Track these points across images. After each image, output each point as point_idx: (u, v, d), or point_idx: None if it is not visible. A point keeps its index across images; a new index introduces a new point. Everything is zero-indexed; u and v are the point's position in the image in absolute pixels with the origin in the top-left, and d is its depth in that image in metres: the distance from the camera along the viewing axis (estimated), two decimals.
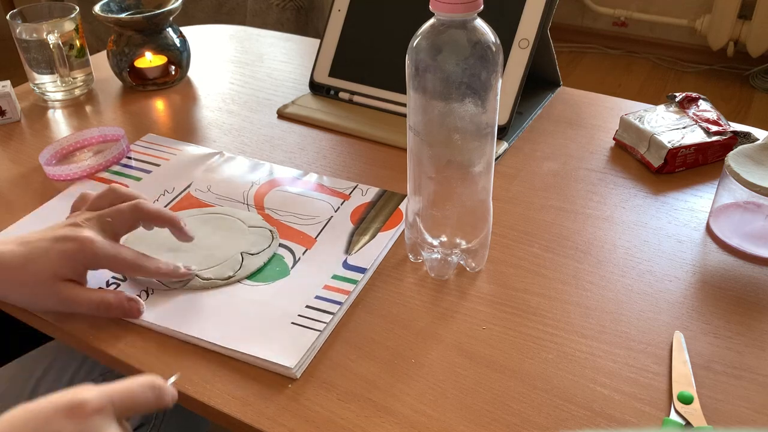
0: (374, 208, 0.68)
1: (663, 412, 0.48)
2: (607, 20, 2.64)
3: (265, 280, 0.60)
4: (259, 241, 0.64)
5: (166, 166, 0.76)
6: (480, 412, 0.48)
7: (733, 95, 2.37)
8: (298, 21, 1.85)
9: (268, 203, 0.69)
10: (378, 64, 0.86)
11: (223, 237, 0.64)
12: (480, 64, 0.49)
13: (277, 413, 0.48)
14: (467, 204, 0.56)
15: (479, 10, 0.48)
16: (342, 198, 0.69)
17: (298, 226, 0.66)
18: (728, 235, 0.63)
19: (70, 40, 0.89)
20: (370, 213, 0.67)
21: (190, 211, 0.68)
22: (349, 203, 0.69)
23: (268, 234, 0.65)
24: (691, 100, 0.78)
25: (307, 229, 0.65)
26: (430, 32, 0.50)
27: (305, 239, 0.64)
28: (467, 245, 0.58)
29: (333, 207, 0.68)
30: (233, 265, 0.60)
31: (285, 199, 0.70)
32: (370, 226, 0.65)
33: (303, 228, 0.66)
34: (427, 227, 0.57)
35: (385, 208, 0.68)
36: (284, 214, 0.67)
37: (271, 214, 0.68)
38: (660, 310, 0.56)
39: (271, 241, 0.64)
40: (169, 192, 0.72)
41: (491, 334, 0.54)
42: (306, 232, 0.65)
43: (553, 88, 0.90)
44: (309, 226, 0.66)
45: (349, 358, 0.52)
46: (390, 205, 0.68)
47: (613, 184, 0.72)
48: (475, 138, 0.52)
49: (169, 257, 0.60)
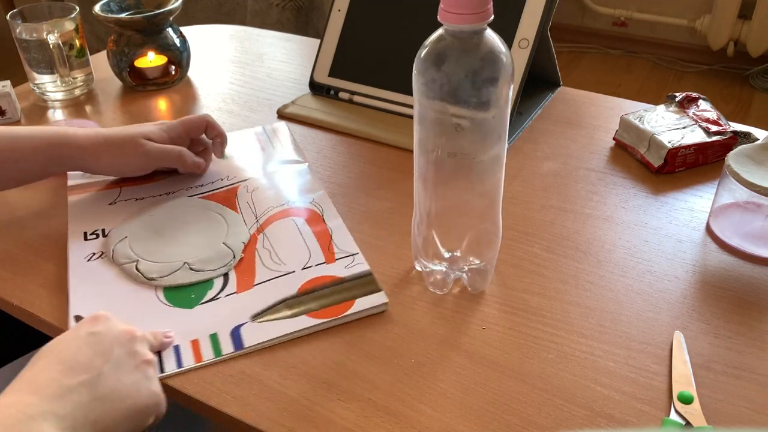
0: (336, 286, 0.59)
1: (663, 412, 0.48)
2: (607, 20, 2.64)
3: (174, 300, 0.58)
4: (215, 258, 0.62)
5: (255, 154, 0.79)
6: (480, 412, 0.48)
7: (733, 95, 2.36)
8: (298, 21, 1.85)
9: (269, 229, 0.66)
10: (378, 64, 0.86)
11: (196, 241, 0.64)
12: (491, 76, 0.47)
13: (277, 413, 0.48)
14: (477, 217, 0.55)
15: (489, 21, 0.47)
16: (326, 260, 0.62)
17: (259, 266, 0.61)
18: (728, 235, 0.63)
19: (70, 40, 0.89)
20: (325, 289, 0.58)
21: (205, 202, 0.70)
22: (319, 269, 0.61)
23: (229, 259, 0.62)
24: (691, 100, 0.78)
25: (260, 272, 0.60)
26: (439, 43, 0.48)
27: (247, 282, 0.60)
28: (477, 263, 0.57)
29: (306, 262, 0.61)
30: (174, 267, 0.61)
31: (285, 232, 0.65)
32: (307, 302, 0.57)
33: (259, 269, 0.61)
34: (439, 239, 0.56)
35: (344, 293, 0.58)
36: (266, 247, 0.63)
37: (261, 239, 0.64)
38: (660, 309, 0.56)
39: (223, 266, 0.61)
40: (229, 179, 0.74)
41: (491, 334, 0.54)
42: (256, 274, 0.60)
43: (553, 88, 0.90)
44: (264, 270, 0.61)
45: (350, 358, 0.52)
46: (353, 291, 0.58)
47: (613, 184, 0.72)
48: (487, 148, 0.51)
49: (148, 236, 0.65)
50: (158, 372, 0.51)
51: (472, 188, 0.53)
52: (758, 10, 2.26)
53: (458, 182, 0.53)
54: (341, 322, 0.55)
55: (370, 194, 0.71)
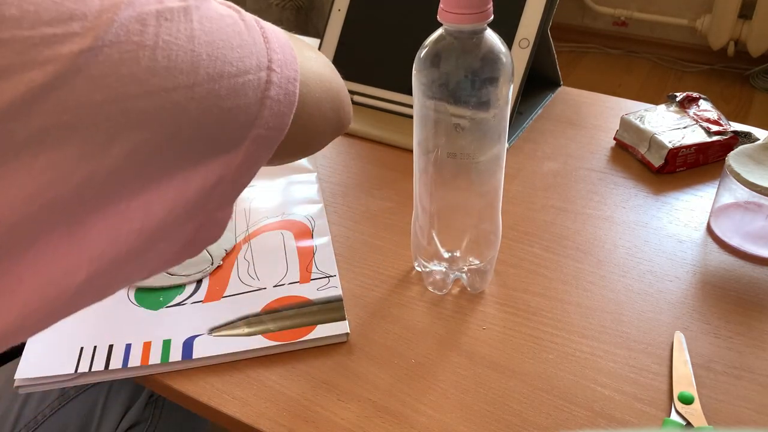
0: (303, 308, 0.57)
1: (663, 412, 0.48)
2: (607, 20, 2.64)
3: (141, 301, 0.58)
4: (192, 263, 0.61)
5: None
6: (480, 412, 0.48)
7: (733, 95, 2.36)
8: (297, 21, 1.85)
9: (255, 241, 0.65)
10: (378, 64, 0.86)
11: None
12: (490, 76, 0.47)
13: (277, 414, 0.48)
14: (476, 217, 0.55)
15: (489, 21, 0.47)
16: (300, 279, 0.60)
17: (233, 278, 0.60)
18: (729, 235, 0.63)
19: None
20: (290, 311, 0.57)
21: None
22: (291, 288, 0.59)
23: (207, 265, 0.61)
24: (692, 99, 0.78)
25: (232, 284, 0.60)
26: (439, 43, 0.48)
27: (218, 292, 0.59)
28: (476, 263, 0.57)
29: (281, 279, 0.60)
30: None
31: (268, 244, 0.64)
32: (266, 322, 0.55)
33: (233, 281, 0.60)
34: (439, 239, 0.56)
35: (305, 317, 0.56)
36: (246, 259, 0.62)
37: (243, 250, 0.63)
38: (660, 310, 0.56)
39: (199, 272, 0.60)
40: None
41: (491, 334, 0.54)
42: (228, 286, 0.59)
43: (553, 88, 0.90)
44: (236, 283, 0.60)
45: (350, 358, 0.52)
46: (318, 316, 0.56)
47: (614, 184, 0.72)
48: (486, 148, 0.51)
49: None
50: (101, 367, 0.51)
51: (471, 188, 0.53)
52: (758, 10, 2.26)
53: (458, 182, 0.53)
54: (297, 348, 0.54)
55: (369, 194, 0.71)
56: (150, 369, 0.52)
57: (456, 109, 0.49)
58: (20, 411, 0.61)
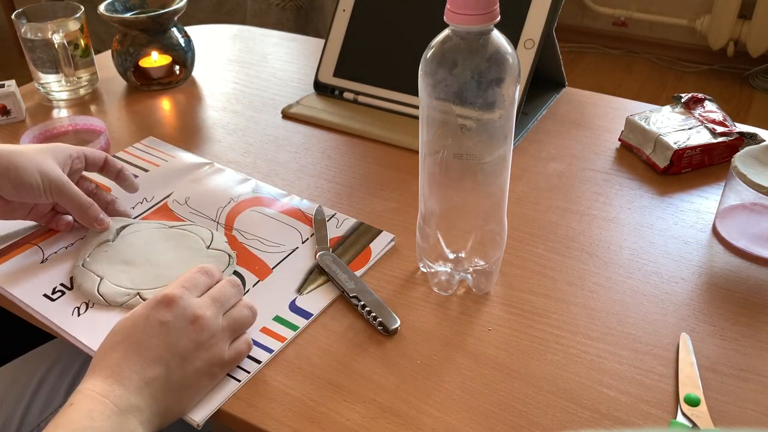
0: (344, 243, 0.63)
1: (669, 414, 0.48)
2: (607, 20, 2.64)
3: None
4: (215, 264, 0.60)
5: (154, 173, 0.74)
6: (486, 413, 0.48)
7: (733, 95, 2.36)
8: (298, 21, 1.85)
9: (238, 223, 0.66)
10: (383, 64, 0.86)
11: (179, 257, 0.61)
12: (497, 77, 0.47)
13: (282, 414, 0.48)
14: (482, 218, 0.55)
15: (496, 21, 0.47)
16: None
17: (260, 253, 0.62)
18: (735, 236, 0.63)
19: (74, 40, 0.89)
20: (338, 249, 0.62)
21: (157, 222, 0.66)
22: None
23: (226, 259, 0.61)
24: (697, 100, 0.78)
25: (267, 258, 0.62)
26: (446, 44, 0.48)
27: (262, 269, 0.61)
28: (481, 264, 0.57)
29: (302, 237, 0.64)
30: None
31: (257, 220, 0.66)
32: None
33: (264, 255, 0.62)
34: (444, 240, 0.56)
35: (355, 245, 0.63)
36: (250, 238, 0.64)
37: (237, 235, 0.64)
38: (666, 311, 0.56)
39: (227, 267, 0.61)
40: (148, 200, 0.70)
41: (497, 335, 0.54)
42: (265, 260, 0.61)
43: (558, 89, 0.90)
44: (271, 255, 0.62)
45: (355, 359, 0.52)
46: (362, 241, 0.63)
47: (619, 185, 0.72)
48: (493, 149, 0.51)
49: (120, 269, 0.60)
50: None
51: (477, 189, 0.53)
52: (758, 10, 2.26)
53: (464, 183, 0.53)
54: (368, 268, 0.60)
55: (374, 195, 0.71)
56: (285, 344, 0.54)
57: (462, 109, 0.49)
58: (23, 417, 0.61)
